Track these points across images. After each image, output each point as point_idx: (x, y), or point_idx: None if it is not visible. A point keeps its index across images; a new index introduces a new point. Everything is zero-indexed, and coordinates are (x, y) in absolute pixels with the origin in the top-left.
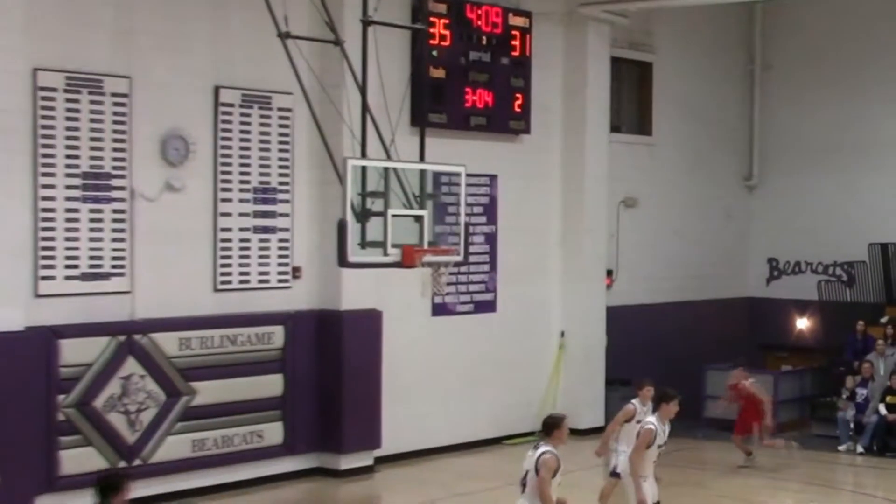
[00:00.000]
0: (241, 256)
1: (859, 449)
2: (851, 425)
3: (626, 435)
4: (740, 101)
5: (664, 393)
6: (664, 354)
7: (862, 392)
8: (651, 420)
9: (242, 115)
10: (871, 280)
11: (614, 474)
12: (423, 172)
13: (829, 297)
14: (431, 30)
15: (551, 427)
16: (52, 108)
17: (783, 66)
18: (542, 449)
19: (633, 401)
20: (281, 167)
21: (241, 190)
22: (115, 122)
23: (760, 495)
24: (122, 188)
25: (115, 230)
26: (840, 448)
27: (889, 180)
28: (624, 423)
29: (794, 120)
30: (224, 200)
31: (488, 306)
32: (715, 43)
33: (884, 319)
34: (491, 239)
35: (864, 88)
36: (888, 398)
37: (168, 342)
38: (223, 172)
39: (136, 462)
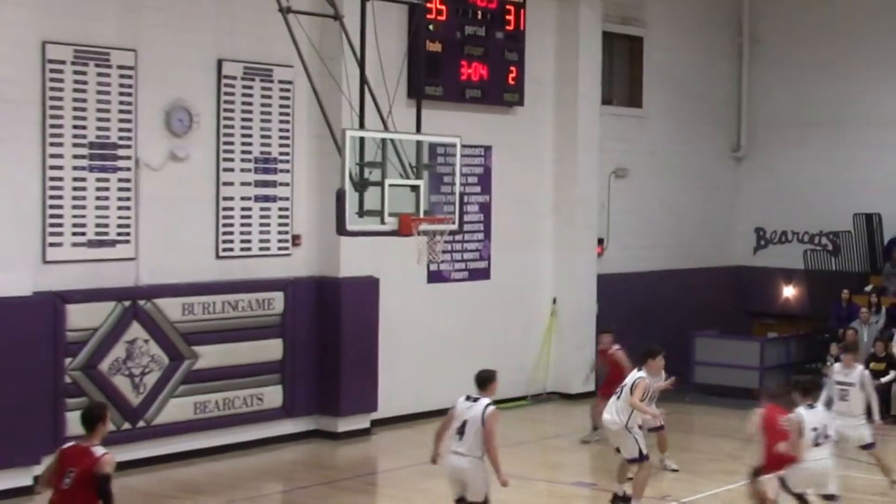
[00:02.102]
0: (243, 224)
1: None
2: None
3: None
4: (729, 75)
5: (649, 349)
6: (653, 321)
7: None
8: (642, 374)
9: (244, 87)
10: (855, 249)
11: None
12: (419, 143)
13: (814, 266)
14: (428, 4)
15: (487, 381)
16: (60, 81)
17: (771, 41)
18: (486, 401)
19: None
20: (281, 138)
21: (243, 160)
22: (122, 94)
23: (747, 458)
24: (127, 158)
25: (120, 199)
26: None
27: (873, 152)
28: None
29: (782, 94)
30: (226, 170)
31: (482, 274)
32: (704, 18)
33: (868, 288)
34: (485, 208)
35: (850, 63)
36: (872, 365)
37: (171, 307)
38: (225, 143)
39: (140, 424)
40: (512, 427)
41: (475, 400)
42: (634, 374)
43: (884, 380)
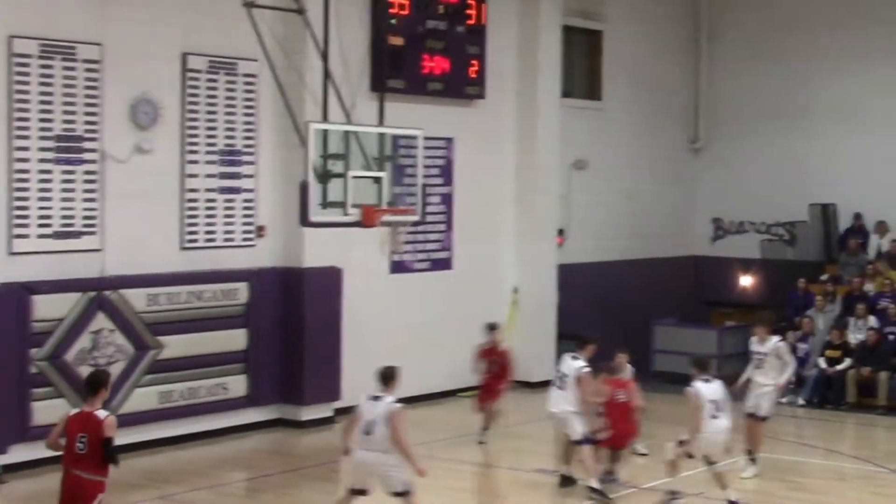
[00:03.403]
0: (208, 216)
1: (800, 401)
2: (793, 379)
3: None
4: (687, 69)
5: (584, 335)
6: (614, 310)
7: (803, 347)
8: (582, 364)
9: (209, 80)
10: (811, 239)
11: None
12: (382, 136)
13: (771, 256)
14: None
15: (389, 378)
16: (26, 74)
17: (728, 35)
18: (389, 400)
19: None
20: (246, 130)
21: (208, 152)
22: (88, 88)
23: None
24: (93, 150)
25: (86, 191)
26: (782, 401)
27: (829, 143)
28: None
29: (739, 87)
30: (191, 162)
31: (444, 264)
32: (663, 13)
33: (824, 277)
34: (447, 199)
35: (806, 58)
36: (828, 352)
37: (137, 298)
38: (190, 135)
39: None
40: (474, 415)
41: (379, 399)
42: (576, 365)
43: (840, 367)
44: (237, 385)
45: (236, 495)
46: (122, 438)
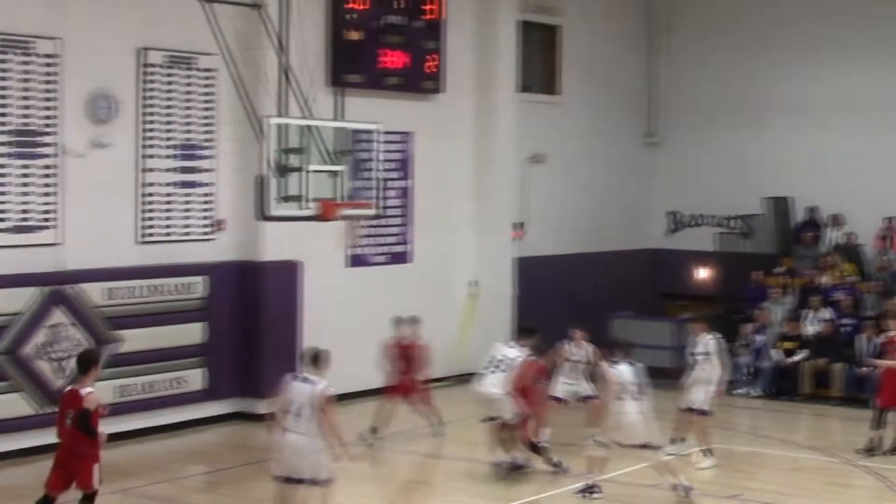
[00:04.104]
0: (166, 210)
1: (756, 392)
2: (748, 370)
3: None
4: (643, 64)
5: (526, 328)
6: (571, 303)
7: (758, 338)
8: (521, 354)
9: (167, 75)
10: (766, 232)
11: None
12: (340, 130)
13: (727, 249)
14: None
15: (319, 360)
16: None
17: (684, 31)
18: (320, 382)
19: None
20: (204, 125)
21: (166, 146)
22: (46, 82)
23: (663, 435)
24: (51, 145)
25: (44, 185)
26: (738, 392)
27: (784, 137)
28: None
29: (695, 81)
30: (149, 156)
31: (403, 257)
32: (619, 8)
33: (779, 269)
34: (405, 193)
35: (761, 52)
36: (783, 344)
37: (95, 292)
38: (149, 130)
39: None
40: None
41: (307, 381)
42: (517, 353)
43: (795, 358)
44: (195, 379)
45: (195, 488)
46: None
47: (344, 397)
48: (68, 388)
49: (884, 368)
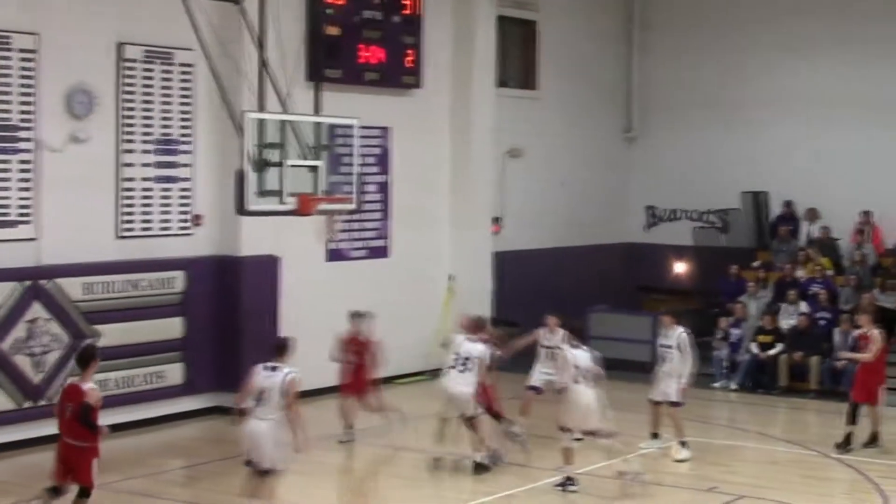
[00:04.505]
0: (144, 205)
1: (733, 386)
2: (725, 364)
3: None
4: (620, 59)
5: (479, 320)
6: (549, 297)
7: (735, 332)
8: (483, 349)
9: (145, 70)
10: (743, 226)
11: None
12: (318, 125)
13: (704, 243)
14: None
15: (283, 349)
16: None
17: (661, 27)
18: (286, 370)
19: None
20: (182, 120)
21: (144, 141)
22: (23, 77)
23: (636, 429)
24: (28, 140)
25: (22, 180)
26: (715, 385)
27: (760, 132)
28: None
29: (672, 77)
30: (127, 151)
31: (381, 252)
32: (597, 3)
33: (755, 263)
34: (384, 188)
35: (737, 47)
36: (760, 338)
37: (72, 287)
38: (126, 125)
39: (42, 402)
40: (410, 401)
41: (274, 369)
42: (482, 350)
43: (771, 352)
44: (174, 373)
45: (173, 483)
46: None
47: (322, 391)
48: (69, 382)
49: (859, 363)
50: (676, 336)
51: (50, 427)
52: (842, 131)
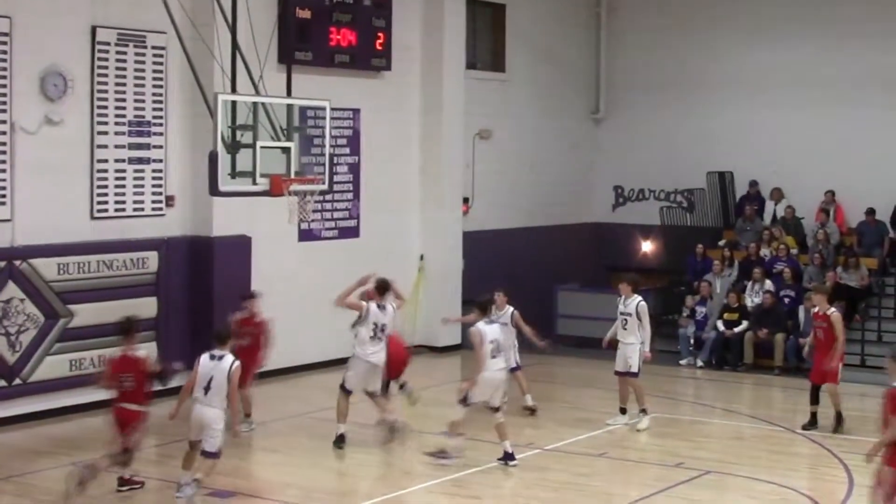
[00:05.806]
0: (117, 186)
1: (699, 363)
2: (691, 341)
3: None
4: (587, 41)
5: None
6: (518, 276)
7: (701, 310)
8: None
9: (118, 53)
10: (709, 206)
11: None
12: (289, 107)
13: (670, 222)
14: None
15: (226, 337)
16: None
17: (628, 9)
18: (231, 358)
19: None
20: (155, 102)
21: (117, 123)
22: None
23: (604, 406)
24: (2, 122)
25: None
26: (681, 362)
27: (726, 113)
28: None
29: (637, 58)
30: (101, 133)
31: (352, 232)
32: None
33: (721, 242)
34: (354, 169)
35: (703, 29)
36: (725, 315)
37: (47, 267)
38: (100, 107)
39: (17, 381)
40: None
41: (220, 358)
42: (391, 312)
43: (737, 329)
44: (147, 353)
45: (147, 461)
46: (33, 406)
47: (295, 370)
48: (118, 353)
49: (815, 345)
50: (635, 304)
51: (25, 406)
52: (807, 111)
